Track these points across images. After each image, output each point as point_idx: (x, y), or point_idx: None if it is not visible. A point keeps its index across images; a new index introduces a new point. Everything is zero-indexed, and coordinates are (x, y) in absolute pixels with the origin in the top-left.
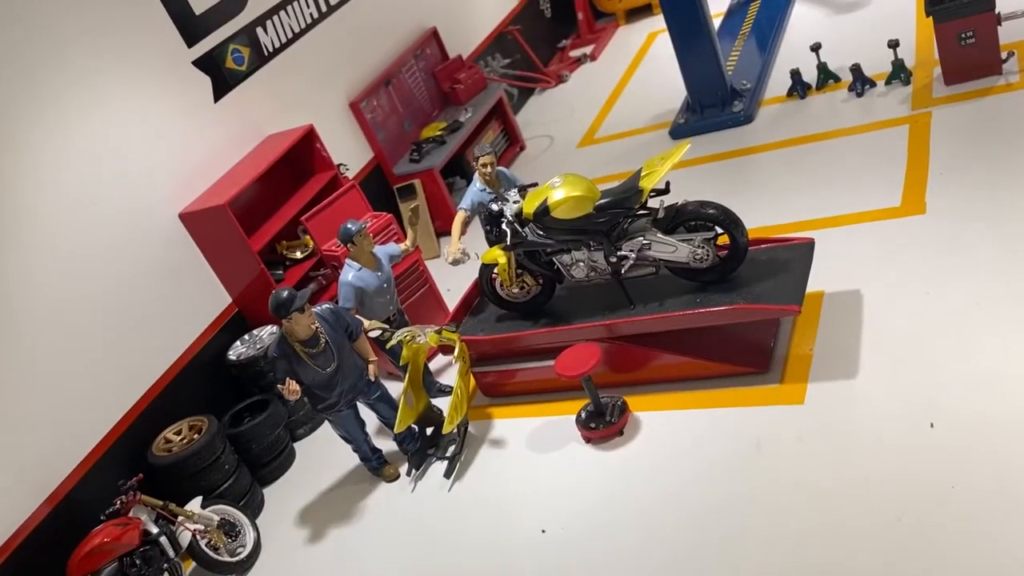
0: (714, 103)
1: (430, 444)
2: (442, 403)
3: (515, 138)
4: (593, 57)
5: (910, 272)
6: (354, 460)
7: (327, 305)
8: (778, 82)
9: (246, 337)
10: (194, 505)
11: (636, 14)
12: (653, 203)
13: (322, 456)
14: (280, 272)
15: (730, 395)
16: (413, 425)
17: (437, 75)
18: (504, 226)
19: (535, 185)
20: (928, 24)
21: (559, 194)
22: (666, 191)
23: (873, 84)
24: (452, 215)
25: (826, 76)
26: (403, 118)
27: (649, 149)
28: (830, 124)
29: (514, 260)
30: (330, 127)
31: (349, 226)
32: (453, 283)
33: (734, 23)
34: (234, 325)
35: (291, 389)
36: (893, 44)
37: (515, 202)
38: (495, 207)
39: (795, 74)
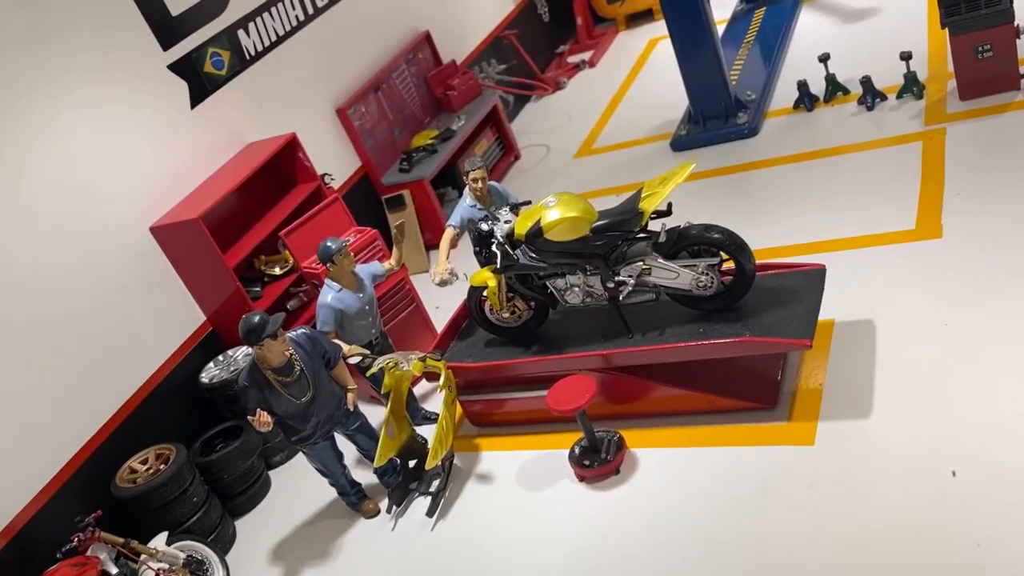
0: (717, 114)
1: (413, 478)
2: (427, 431)
3: (510, 147)
4: (592, 63)
5: (927, 301)
6: (333, 491)
7: (303, 330)
8: (784, 93)
9: (220, 358)
10: (158, 542)
11: (636, 20)
12: (654, 225)
13: (299, 485)
14: (258, 289)
15: (734, 433)
16: (395, 458)
17: (429, 81)
18: (494, 247)
19: (528, 203)
20: (941, 36)
21: (553, 214)
22: (668, 213)
23: (884, 97)
24: (443, 228)
25: (835, 88)
26: (393, 125)
27: (649, 162)
28: (839, 139)
29: (505, 283)
30: (315, 135)
31: (329, 244)
32: (443, 301)
33: (737, 31)
34: (208, 345)
35: (262, 421)
36: (905, 56)
37: (507, 222)
38: (485, 227)
39: (802, 85)
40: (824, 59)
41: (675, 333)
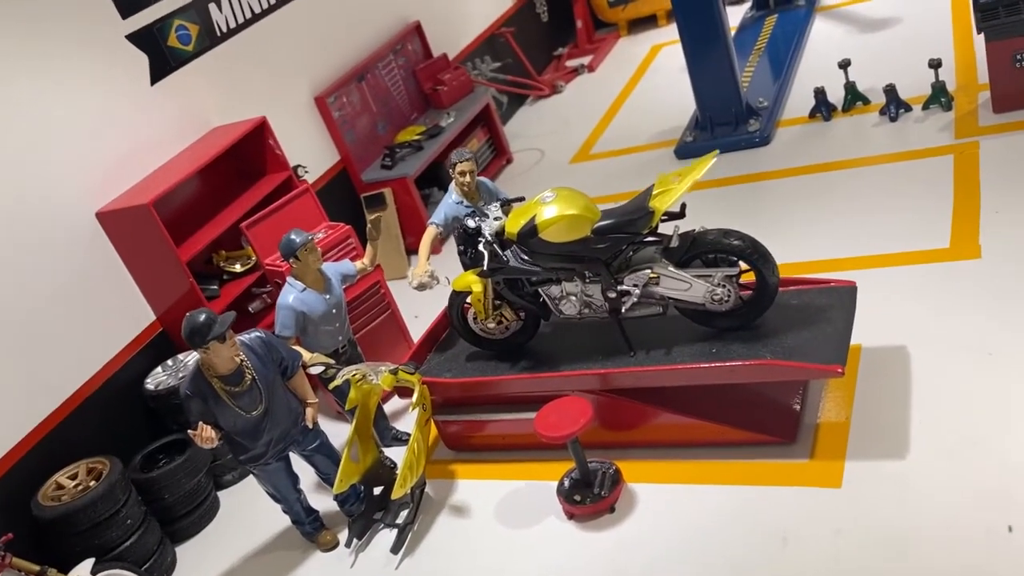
0: (727, 121)
1: (377, 507)
2: (397, 455)
3: (502, 149)
4: (591, 68)
5: (968, 327)
6: (287, 517)
7: (257, 332)
8: (798, 102)
9: (169, 363)
10: (83, 570)
11: (639, 25)
12: (665, 229)
13: (251, 509)
14: (215, 287)
15: (748, 470)
16: (358, 484)
17: (418, 74)
18: (481, 247)
19: (522, 200)
20: (968, 44)
21: (550, 211)
22: (681, 215)
23: (909, 108)
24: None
25: (854, 97)
26: (376, 118)
27: (651, 168)
28: (859, 150)
29: (491, 289)
30: (290, 123)
31: (292, 237)
32: (423, 309)
33: (747, 38)
34: (156, 348)
35: (205, 436)
36: (935, 64)
37: (496, 219)
38: (472, 224)
39: (819, 93)
40: (844, 65)
41: (684, 353)
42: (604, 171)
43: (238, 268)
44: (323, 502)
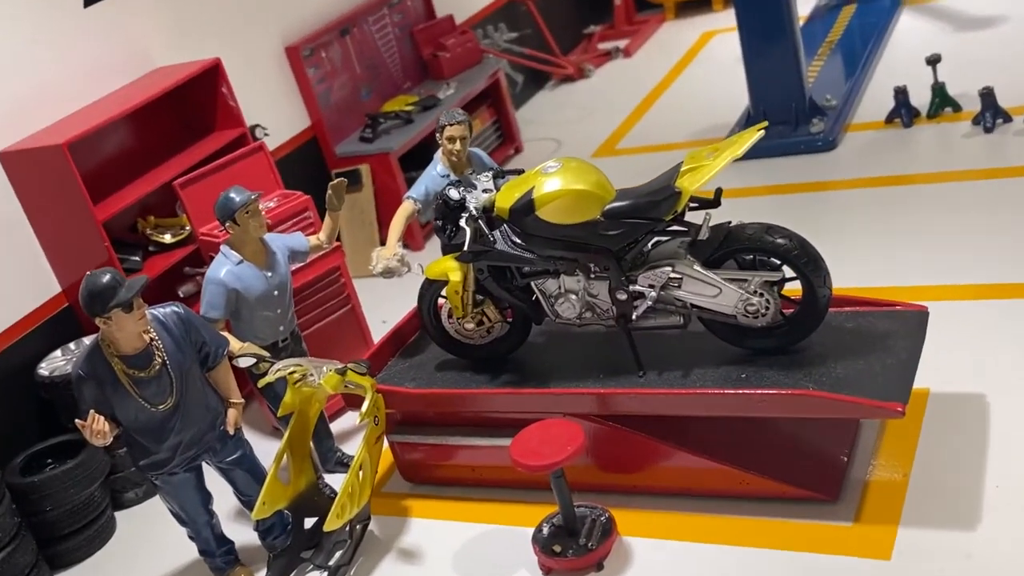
0: (786, 119)
1: (307, 543)
2: (340, 481)
3: (510, 135)
4: (627, 52)
5: None
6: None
7: (175, 307)
8: (874, 103)
9: (71, 347)
10: None
11: (690, 8)
12: (694, 217)
13: (155, 535)
14: (137, 258)
15: (775, 530)
16: (285, 511)
17: (416, 35)
18: (463, 223)
19: (521, 172)
20: None
21: (552, 184)
22: (715, 203)
23: (1008, 118)
24: None
25: (943, 101)
26: (360, 82)
27: None
28: (944, 163)
29: (473, 279)
30: (252, 74)
31: (232, 195)
32: (392, 311)
33: (817, 29)
34: (58, 327)
35: (96, 429)
36: None
37: (485, 190)
38: (455, 194)
39: (900, 93)
40: (933, 61)
41: (706, 376)
42: (630, 169)
43: (167, 239)
44: (241, 532)
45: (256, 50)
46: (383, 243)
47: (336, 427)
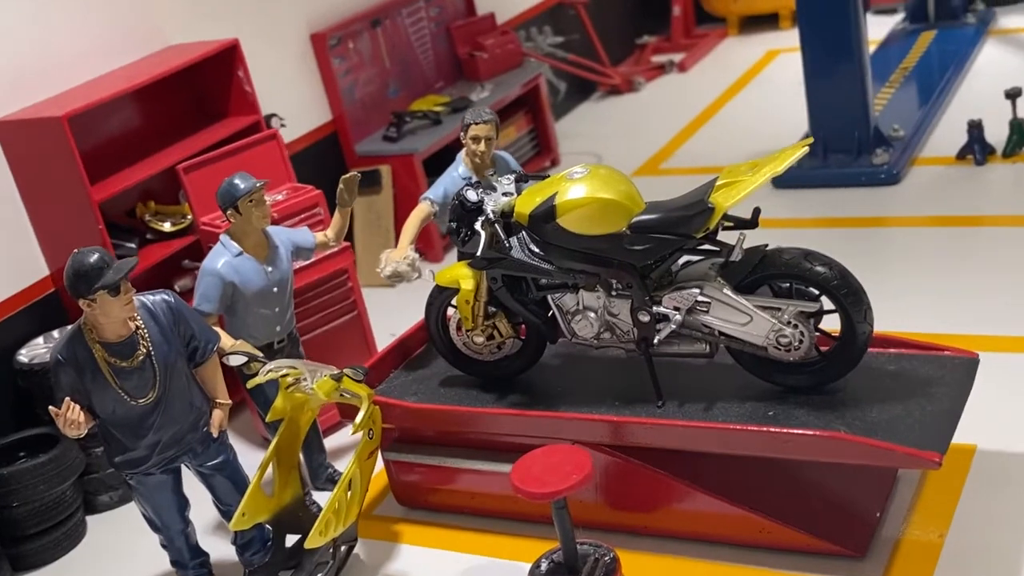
0: (847, 147)
1: (287, 562)
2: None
3: (547, 146)
4: (682, 67)
5: None
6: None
7: (165, 295)
8: (945, 137)
9: (55, 335)
10: None
11: (755, 24)
12: (727, 237)
13: (127, 543)
14: (133, 245)
15: None
16: (266, 525)
17: (454, 32)
18: (479, 226)
19: (547, 176)
20: None
21: (577, 191)
22: (752, 223)
23: None
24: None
25: (1021, 138)
26: (389, 78)
27: None
28: (1017, 205)
29: (486, 288)
30: (273, 60)
31: (236, 182)
32: (402, 323)
33: (892, 54)
34: (43, 311)
35: (70, 418)
36: None
37: (506, 194)
38: (472, 196)
39: (975, 127)
40: (1013, 96)
41: (729, 410)
42: (671, 191)
43: (167, 227)
44: (218, 545)
45: (279, 35)
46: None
47: (330, 443)
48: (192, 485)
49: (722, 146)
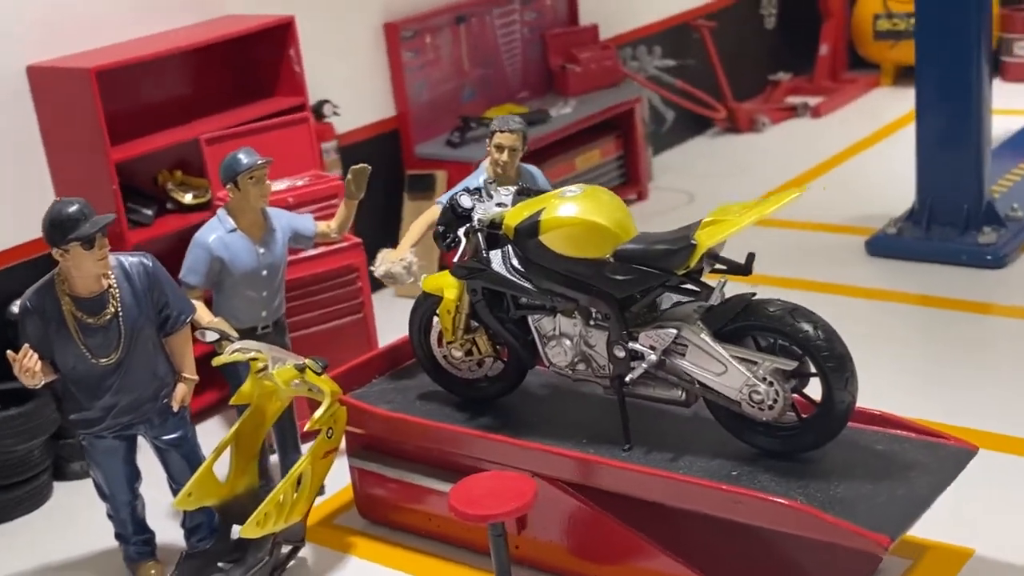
0: (954, 221)
1: (230, 553)
2: None
3: (635, 177)
4: (816, 112)
5: None
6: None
7: (144, 258)
8: None
9: None
10: None
11: (911, 75)
12: (711, 279)
13: (88, 514)
14: (150, 212)
15: None
16: (216, 511)
17: (548, 40)
18: (462, 232)
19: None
20: None
21: (565, 210)
22: (746, 269)
23: None
24: None
25: None
26: (466, 80)
27: (821, 254)
28: None
29: (467, 301)
30: (336, 44)
31: (240, 156)
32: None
33: None
34: (45, 265)
35: (26, 365)
36: None
37: (500, 204)
38: (466, 202)
39: None
40: None
41: (694, 464)
42: (759, 244)
43: (188, 199)
44: (168, 527)
45: (349, 19)
46: (442, 263)
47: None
48: (153, 465)
49: (826, 203)
